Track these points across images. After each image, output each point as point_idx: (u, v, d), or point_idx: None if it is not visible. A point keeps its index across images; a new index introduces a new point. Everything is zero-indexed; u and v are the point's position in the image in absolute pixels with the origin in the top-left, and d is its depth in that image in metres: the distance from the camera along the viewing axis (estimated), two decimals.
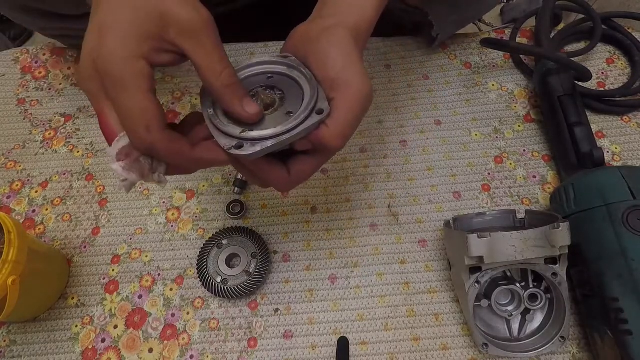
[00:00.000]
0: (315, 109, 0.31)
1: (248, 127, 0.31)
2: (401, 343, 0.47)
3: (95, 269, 0.52)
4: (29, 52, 0.65)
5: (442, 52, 0.63)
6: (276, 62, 0.35)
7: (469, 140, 0.57)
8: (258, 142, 0.30)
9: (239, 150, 0.30)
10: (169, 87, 0.62)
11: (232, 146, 0.30)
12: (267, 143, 0.30)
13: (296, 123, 0.30)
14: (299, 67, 0.34)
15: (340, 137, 0.31)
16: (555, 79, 0.53)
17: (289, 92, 0.34)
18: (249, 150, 0.30)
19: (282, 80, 0.35)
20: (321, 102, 0.31)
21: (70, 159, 0.58)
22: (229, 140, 0.31)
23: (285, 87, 0.34)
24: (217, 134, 0.31)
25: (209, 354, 0.47)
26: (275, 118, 0.32)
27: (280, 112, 0.33)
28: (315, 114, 0.31)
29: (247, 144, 0.30)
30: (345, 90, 0.32)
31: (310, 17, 0.37)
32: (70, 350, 0.48)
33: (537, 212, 0.48)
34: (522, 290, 0.43)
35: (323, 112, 0.31)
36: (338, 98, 0.32)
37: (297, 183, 0.35)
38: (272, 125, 0.31)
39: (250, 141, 0.30)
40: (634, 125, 0.56)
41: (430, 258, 0.51)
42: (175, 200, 0.55)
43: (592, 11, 0.59)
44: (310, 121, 0.31)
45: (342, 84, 0.32)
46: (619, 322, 0.39)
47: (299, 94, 0.33)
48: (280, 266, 0.51)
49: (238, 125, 0.32)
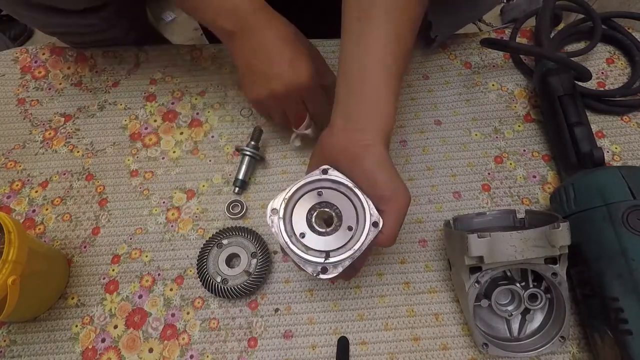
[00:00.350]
0: (372, 223, 0.37)
1: (326, 253, 0.37)
2: (401, 343, 0.47)
3: (95, 268, 0.52)
4: (28, 51, 0.65)
5: (442, 52, 0.63)
6: (322, 179, 0.39)
7: (468, 140, 0.57)
8: (338, 264, 0.37)
9: (325, 274, 0.37)
10: (169, 87, 0.62)
11: (318, 271, 0.37)
12: (346, 263, 0.37)
13: (362, 241, 0.37)
14: (344, 182, 0.38)
15: (392, 238, 0.38)
16: (555, 78, 0.53)
17: (342, 206, 0.39)
18: (333, 273, 0.37)
19: (331, 194, 0.39)
20: (374, 216, 0.37)
21: (70, 159, 0.58)
22: (314, 267, 0.37)
23: (336, 202, 0.39)
24: (302, 263, 0.37)
25: (209, 354, 0.47)
26: (339, 235, 0.38)
27: (342, 229, 0.38)
28: (372, 227, 0.37)
29: (330, 267, 0.37)
30: (394, 203, 0.38)
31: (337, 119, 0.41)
32: (70, 350, 0.48)
33: (537, 212, 0.48)
34: (522, 290, 0.43)
35: (378, 225, 0.37)
36: (388, 210, 0.38)
37: (359, 271, 0.44)
38: (339, 241, 0.38)
39: (332, 264, 0.37)
40: (634, 125, 0.56)
41: (430, 258, 0.51)
42: (175, 200, 0.55)
43: (592, 11, 0.59)
44: (371, 235, 0.37)
45: (390, 199, 0.38)
46: (619, 322, 0.39)
47: (351, 207, 0.39)
48: (280, 266, 0.51)
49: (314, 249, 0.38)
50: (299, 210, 0.39)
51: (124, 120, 0.60)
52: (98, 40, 0.64)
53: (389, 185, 0.38)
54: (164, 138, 0.59)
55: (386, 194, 0.38)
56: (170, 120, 0.60)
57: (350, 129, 0.39)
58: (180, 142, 0.59)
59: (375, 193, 0.38)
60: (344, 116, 0.40)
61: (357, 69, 0.40)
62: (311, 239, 0.38)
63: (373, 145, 0.38)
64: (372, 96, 0.39)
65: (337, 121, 0.40)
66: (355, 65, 0.40)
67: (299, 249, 0.37)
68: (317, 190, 0.39)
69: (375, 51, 0.39)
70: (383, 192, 0.38)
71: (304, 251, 0.37)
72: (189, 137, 0.59)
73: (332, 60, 0.62)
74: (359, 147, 0.38)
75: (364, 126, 0.39)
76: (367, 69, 0.39)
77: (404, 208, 0.38)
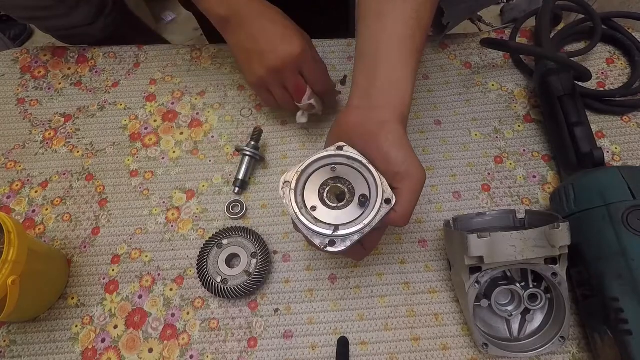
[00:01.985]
0: (384, 199, 0.36)
1: (334, 226, 0.37)
2: (401, 343, 0.47)
3: (95, 269, 0.52)
4: (29, 52, 0.65)
5: (442, 52, 0.63)
6: (336, 155, 0.39)
7: (468, 140, 0.57)
8: (347, 237, 0.36)
9: (332, 247, 0.36)
10: (168, 87, 0.62)
11: (326, 244, 0.36)
12: (354, 237, 0.36)
13: (373, 216, 0.36)
14: (358, 159, 0.38)
15: (406, 218, 0.37)
16: (555, 79, 0.53)
17: (355, 182, 0.38)
18: (341, 247, 0.36)
19: (345, 170, 0.39)
20: (387, 192, 0.37)
21: (70, 159, 0.58)
22: (322, 239, 0.36)
23: (350, 178, 0.39)
24: (310, 234, 0.37)
25: (209, 354, 0.47)
26: (351, 209, 0.38)
27: (354, 205, 0.38)
28: (384, 204, 0.36)
29: (338, 240, 0.36)
30: (408, 181, 0.37)
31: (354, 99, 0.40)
32: (70, 350, 0.48)
33: (537, 212, 0.48)
34: (522, 290, 0.43)
35: (391, 202, 0.36)
36: (402, 187, 0.37)
37: (369, 252, 0.43)
38: (349, 216, 0.37)
39: (340, 237, 0.36)
40: (634, 125, 0.56)
41: (430, 258, 0.51)
42: (175, 200, 0.55)
43: (592, 11, 0.59)
44: (383, 211, 0.36)
45: (405, 177, 0.37)
46: (619, 322, 0.39)
47: (364, 183, 0.38)
48: (280, 266, 0.51)
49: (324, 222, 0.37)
50: (311, 185, 0.39)
51: (124, 120, 0.60)
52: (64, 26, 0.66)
53: (404, 162, 0.37)
54: (164, 138, 0.59)
55: (401, 171, 0.37)
56: (170, 120, 0.60)
57: (367, 106, 0.39)
58: (180, 142, 0.59)
59: (389, 169, 0.37)
60: (360, 96, 0.40)
61: (376, 47, 0.39)
62: (322, 213, 0.38)
63: (389, 122, 0.38)
64: (390, 73, 0.39)
65: (354, 101, 0.40)
66: (373, 44, 0.40)
67: (308, 220, 0.37)
68: (331, 166, 0.39)
69: (395, 28, 0.39)
70: (398, 169, 0.37)
71: (313, 223, 0.37)
72: (189, 137, 0.59)
73: (332, 61, 0.63)
74: (374, 124, 0.38)
75: (380, 103, 0.38)
76: (386, 46, 0.39)
77: (418, 186, 0.37)
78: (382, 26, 0.39)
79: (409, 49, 0.39)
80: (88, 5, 0.66)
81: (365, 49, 0.41)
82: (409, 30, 0.39)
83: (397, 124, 0.38)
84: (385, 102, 0.38)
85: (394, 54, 0.39)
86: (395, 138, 0.37)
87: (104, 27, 0.70)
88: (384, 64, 0.39)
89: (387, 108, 0.38)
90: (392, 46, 0.39)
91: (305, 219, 0.37)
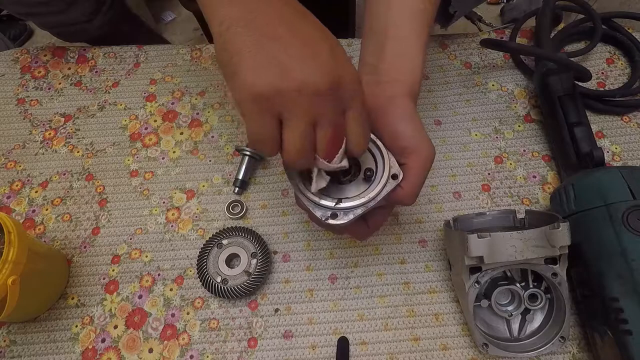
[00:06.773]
0: (391, 174, 0.35)
1: (337, 199, 0.35)
2: (401, 343, 0.47)
3: (95, 269, 0.52)
4: (29, 52, 0.65)
5: (442, 52, 0.63)
6: None
7: (469, 140, 0.57)
8: (350, 211, 0.35)
9: (334, 220, 0.35)
10: (169, 87, 0.62)
11: (327, 216, 0.35)
12: (358, 211, 0.35)
13: (377, 190, 0.35)
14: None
15: (413, 195, 0.36)
16: (555, 79, 0.53)
17: (361, 157, 0.37)
18: (343, 220, 0.35)
19: None
20: (394, 168, 0.36)
21: (70, 159, 0.58)
22: (324, 211, 0.35)
23: None
24: (312, 206, 0.35)
25: (209, 354, 0.47)
26: (356, 184, 0.37)
27: (359, 180, 0.37)
28: (391, 179, 0.35)
29: (341, 213, 0.35)
30: (416, 156, 0.36)
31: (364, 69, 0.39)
32: (70, 350, 0.48)
33: (537, 212, 0.48)
34: (522, 290, 0.43)
35: (398, 177, 0.35)
36: (409, 163, 0.36)
37: (374, 232, 0.41)
38: (354, 191, 0.36)
39: (343, 210, 0.35)
40: (634, 125, 0.56)
41: (430, 258, 0.51)
42: (175, 200, 0.55)
43: (592, 11, 0.59)
44: (389, 187, 0.35)
45: (413, 152, 0.36)
46: (619, 322, 0.39)
47: (371, 158, 0.37)
48: (280, 266, 0.51)
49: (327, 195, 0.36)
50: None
51: (124, 120, 0.60)
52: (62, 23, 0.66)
53: (413, 137, 0.36)
54: (164, 138, 0.59)
55: (409, 145, 0.35)
56: (170, 120, 0.60)
57: (375, 81, 0.38)
58: (180, 142, 0.59)
59: (397, 144, 0.36)
60: (369, 72, 0.39)
61: (385, 22, 0.38)
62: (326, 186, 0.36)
63: (399, 96, 0.36)
64: (400, 47, 0.38)
65: (362, 78, 0.37)
66: (382, 20, 0.38)
67: (311, 192, 0.35)
68: None
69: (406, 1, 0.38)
70: (406, 143, 0.35)
71: (316, 195, 0.35)
72: (189, 137, 0.59)
73: None
74: (383, 99, 0.37)
75: (390, 78, 0.37)
76: (397, 19, 0.38)
77: (427, 162, 0.36)
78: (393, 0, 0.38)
79: (420, 23, 0.38)
80: (86, 2, 0.66)
81: (374, 26, 0.39)
82: (420, 4, 0.38)
83: (407, 99, 0.36)
84: (395, 77, 0.37)
85: (405, 27, 0.38)
86: (404, 112, 0.36)
87: (102, 25, 0.70)
88: (394, 38, 0.38)
89: (397, 82, 0.37)
90: (404, 19, 0.38)
91: (308, 191, 0.35)
